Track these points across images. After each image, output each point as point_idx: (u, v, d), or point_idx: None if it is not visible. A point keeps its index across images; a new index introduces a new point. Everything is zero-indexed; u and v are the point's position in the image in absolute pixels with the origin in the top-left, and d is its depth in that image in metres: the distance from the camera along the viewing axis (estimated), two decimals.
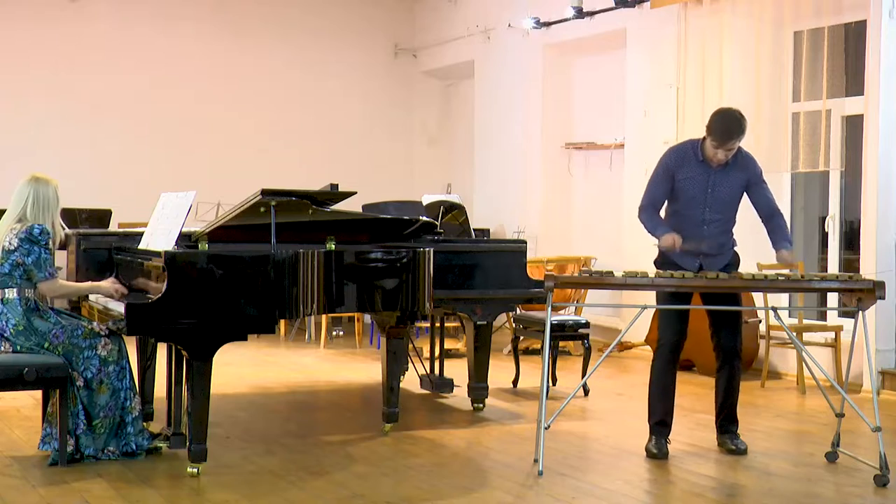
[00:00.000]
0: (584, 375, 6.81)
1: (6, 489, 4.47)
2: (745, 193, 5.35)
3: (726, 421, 5.40)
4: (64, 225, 5.24)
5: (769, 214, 5.37)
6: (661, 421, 5.29)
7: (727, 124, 5.14)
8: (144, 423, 5.13)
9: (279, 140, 11.38)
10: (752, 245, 7.11)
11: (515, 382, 7.31)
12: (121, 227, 8.94)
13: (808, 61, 7.72)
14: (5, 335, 4.93)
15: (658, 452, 5.20)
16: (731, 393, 5.38)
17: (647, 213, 5.34)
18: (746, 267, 5.46)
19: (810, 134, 7.71)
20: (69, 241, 5.92)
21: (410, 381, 7.14)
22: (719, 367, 5.39)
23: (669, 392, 5.32)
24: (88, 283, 5.22)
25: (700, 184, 5.25)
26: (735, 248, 5.41)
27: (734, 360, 5.35)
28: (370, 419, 6.02)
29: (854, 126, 7.73)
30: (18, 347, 4.91)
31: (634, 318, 5.15)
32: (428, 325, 7.99)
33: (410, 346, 7.08)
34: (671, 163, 5.32)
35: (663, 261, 5.34)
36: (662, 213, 5.42)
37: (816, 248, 8.42)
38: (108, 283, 5.18)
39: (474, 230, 7.44)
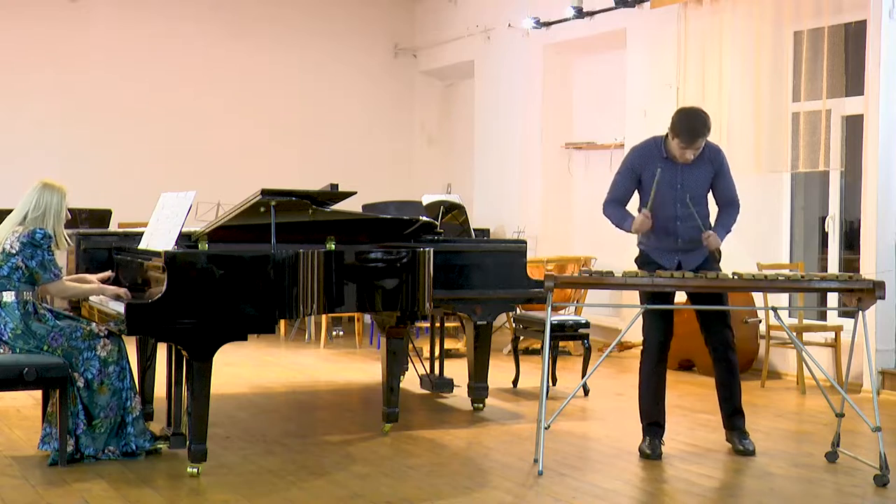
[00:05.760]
0: (584, 375, 6.81)
1: (6, 489, 4.47)
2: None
3: (733, 416, 5.36)
4: (67, 239, 5.21)
5: (725, 203, 5.37)
6: (654, 422, 5.28)
7: (693, 124, 5.13)
8: (145, 423, 5.12)
9: (279, 140, 11.38)
10: (752, 245, 7.13)
11: (515, 382, 7.31)
12: (121, 227, 8.94)
13: (808, 61, 7.72)
14: (3, 339, 4.92)
15: (651, 453, 5.19)
16: (732, 388, 5.34)
17: (611, 207, 5.35)
18: (746, 267, 5.46)
19: (810, 134, 7.71)
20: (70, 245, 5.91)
21: (410, 381, 7.14)
22: (714, 364, 5.37)
23: (660, 393, 5.30)
24: (95, 287, 5.21)
25: (668, 180, 5.23)
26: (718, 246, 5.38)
27: (728, 353, 5.31)
28: (370, 419, 6.02)
29: (854, 126, 7.73)
30: (17, 351, 4.91)
31: (634, 317, 5.15)
32: (428, 325, 7.99)
33: (410, 346, 7.08)
34: (636, 162, 5.33)
35: (643, 260, 5.34)
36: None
37: (816, 248, 8.42)
38: (112, 288, 5.16)
39: (474, 230, 7.44)
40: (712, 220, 5.41)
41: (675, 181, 5.24)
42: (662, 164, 5.24)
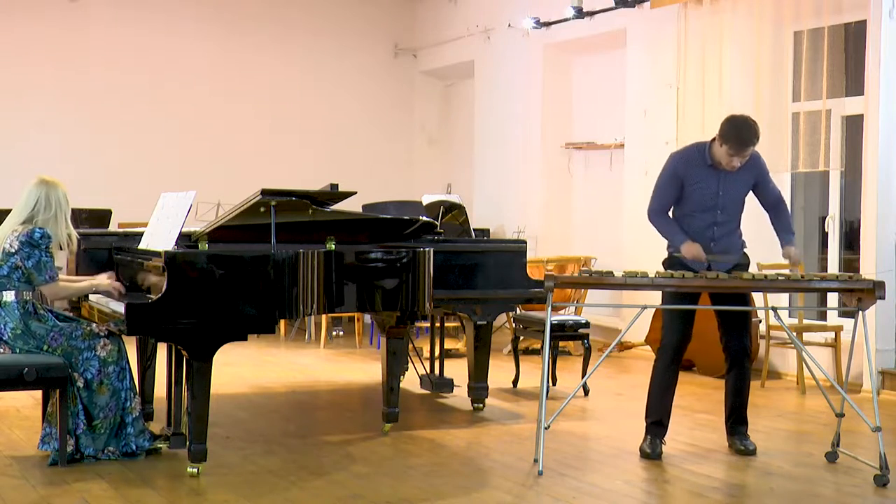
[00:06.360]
0: (584, 375, 6.81)
1: (6, 489, 4.47)
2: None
3: (736, 422, 5.39)
4: (75, 235, 5.21)
5: (774, 205, 5.39)
6: (657, 421, 5.28)
7: (742, 132, 5.12)
8: (145, 423, 5.12)
9: (279, 140, 11.39)
10: (752, 245, 7.13)
11: (515, 382, 7.31)
12: (121, 227, 8.94)
13: (808, 61, 7.72)
14: (3, 338, 4.92)
15: (652, 453, 5.19)
16: (741, 394, 5.37)
17: (660, 218, 5.33)
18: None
19: (810, 134, 7.71)
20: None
21: (410, 381, 7.14)
22: (728, 369, 5.39)
23: (669, 393, 5.31)
24: (87, 283, 5.23)
25: (711, 187, 5.24)
26: (745, 250, 5.41)
27: (743, 361, 5.34)
28: (370, 419, 6.02)
29: (854, 126, 7.73)
30: (17, 350, 4.91)
31: (634, 318, 5.15)
32: (428, 325, 7.99)
33: (410, 346, 7.08)
34: (679, 169, 5.30)
35: (671, 262, 5.33)
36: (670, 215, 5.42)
37: (816, 248, 8.42)
38: (106, 280, 5.19)
39: (474, 230, 7.43)
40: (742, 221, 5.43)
41: (717, 189, 5.25)
42: (705, 170, 5.24)
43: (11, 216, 5.05)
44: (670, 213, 5.39)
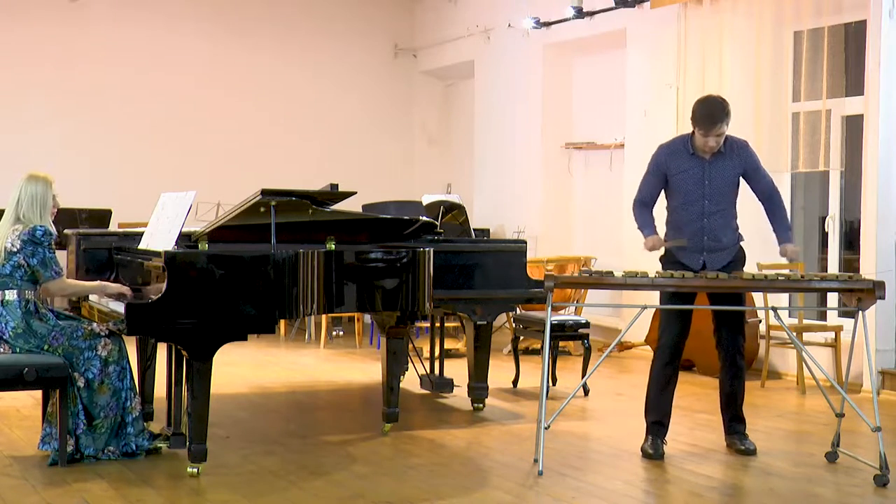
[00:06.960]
0: (584, 375, 6.81)
1: (6, 489, 4.47)
2: (742, 181, 5.34)
3: (733, 421, 5.39)
4: (51, 225, 5.18)
5: (767, 195, 5.34)
6: (658, 421, 5.28)
7: (710, 110, 5.15)
8: (145, 423, 5.12)
9: (279, 140, 11.38)
10: (752, 245, 7.13)
11: (515, 382, 7.31)
12: (121, 227, 8.94)
13: (808, 61, 7.72)
14: (4, 337, 4.92)
15: (654, 453, 5.18)
16: (735, 392, 5.37)
17: (638, 209, 5.38)
18: (747, 267, 5.46)
19: (810, 134, 7.71)
20: (69, 241, 5.92)
21: (410, 381, 7.14)
22: (722, 367, 5.40)
23: (668, 393, 5.31)
24: (97, 283, 5.22)
25: (695, 176, 5.25)
26: (741, 244, 5.40)
27: (736, 358, 5.34)
28: (370, 419, 6.02)
29: (854, 126, 7.73)
30: (18, 350, 4.91)
31: (634, 318, 5.15)
32: (428, 325, 7.99)
33: (410, 346, 7.08)
34: (662, 159, 5.34)
35: (667, 259, 5.34)
36: (664, 211, 5.42)
37: (816, 248, 8.42)
38: (114, 284, 5.19)
39: (474, 230, 7.43)
40: (741, 220, 5.41)
41: (702, 177, 5.25)
42: (689, 159, 5.25)
43: (6, 215, 5.06)
44: (665, 211, 5.39)
